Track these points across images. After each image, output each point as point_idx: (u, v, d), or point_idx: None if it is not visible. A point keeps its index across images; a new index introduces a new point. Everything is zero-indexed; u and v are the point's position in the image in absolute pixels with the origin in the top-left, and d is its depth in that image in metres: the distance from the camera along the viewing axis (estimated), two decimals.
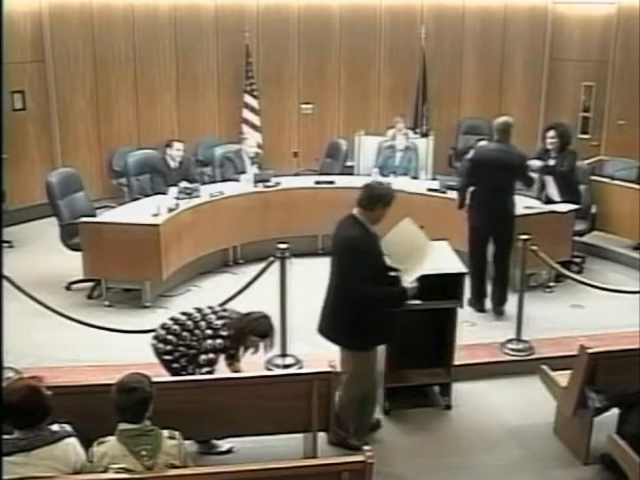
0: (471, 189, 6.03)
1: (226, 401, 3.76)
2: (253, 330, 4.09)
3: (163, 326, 4.22)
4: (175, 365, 4.12)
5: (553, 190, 6.70)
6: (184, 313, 4.25)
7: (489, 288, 6.19)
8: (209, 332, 4.07)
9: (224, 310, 4.28)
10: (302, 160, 9.67)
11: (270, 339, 4.17)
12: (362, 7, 9.62)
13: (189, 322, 4.15)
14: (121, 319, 5.78)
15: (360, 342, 4.15)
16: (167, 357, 4.13)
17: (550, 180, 6.70)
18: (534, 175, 6.36)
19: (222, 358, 4.19)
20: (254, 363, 4.74)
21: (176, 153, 7.50)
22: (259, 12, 9.40)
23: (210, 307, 4.27)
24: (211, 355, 4.05)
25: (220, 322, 4.11)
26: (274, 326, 4.24)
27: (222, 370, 4.24)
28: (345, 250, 4.06)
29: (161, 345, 4.15)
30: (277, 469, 3.12)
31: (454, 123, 9.87)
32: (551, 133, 6.67)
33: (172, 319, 4.24)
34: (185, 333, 4.12)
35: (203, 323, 4.12)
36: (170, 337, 4.13)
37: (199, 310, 4.23)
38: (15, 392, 2.95)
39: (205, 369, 4.04)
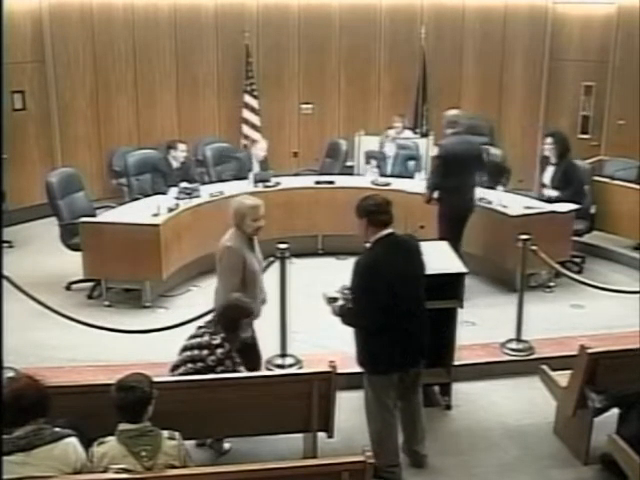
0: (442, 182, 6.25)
1: (226, 401, 3.75)
2: (243, 314, 4.11)
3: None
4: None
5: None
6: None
7: None
8: (206, 352, 3.99)
9: (200, 328, 4.21)
10: (302, 160, 9.66)
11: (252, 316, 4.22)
12: (362, 7, 9.62)
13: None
14: (121, 319, 5.78)
15: None
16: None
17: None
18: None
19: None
20: None
21: (180, 154, 7.48)
22: (259, 12, 9.40)
23: (190, 339, 4.16)
24: (224, 365, 4.00)
25: (206, 338, 4.04)
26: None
27: None
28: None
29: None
30: (277, 469, 3.12)
31: None
32: (549, 140, 6.80)
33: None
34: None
35: (197, 351, 4.02)
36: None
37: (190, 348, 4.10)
38: (17, 389, 2.95)
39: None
